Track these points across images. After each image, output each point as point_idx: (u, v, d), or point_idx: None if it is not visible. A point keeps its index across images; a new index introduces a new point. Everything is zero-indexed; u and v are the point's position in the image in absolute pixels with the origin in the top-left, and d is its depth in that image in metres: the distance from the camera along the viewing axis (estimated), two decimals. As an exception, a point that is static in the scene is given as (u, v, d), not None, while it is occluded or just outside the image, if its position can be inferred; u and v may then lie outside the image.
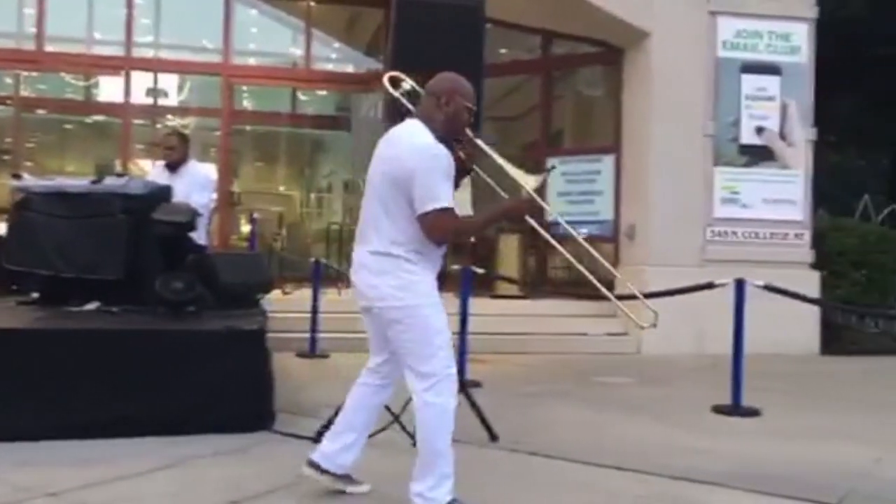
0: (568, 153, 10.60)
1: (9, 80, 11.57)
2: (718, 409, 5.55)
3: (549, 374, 7.19)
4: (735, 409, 5.51)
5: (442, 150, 3.05)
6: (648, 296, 7.21)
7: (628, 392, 6.54)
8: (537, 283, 10.06)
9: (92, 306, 5.20)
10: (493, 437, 4.40)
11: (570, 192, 10.14)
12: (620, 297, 8.89)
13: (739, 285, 5.68)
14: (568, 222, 9.88)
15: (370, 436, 3.52)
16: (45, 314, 5.05)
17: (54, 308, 5.15)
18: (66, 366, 4.19)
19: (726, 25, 9.21)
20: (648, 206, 9.05)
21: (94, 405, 4.15)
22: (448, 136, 3.19)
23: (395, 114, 3.69)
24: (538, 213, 3.22)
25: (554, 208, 10.26)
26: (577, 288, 10.63)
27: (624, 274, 9.29)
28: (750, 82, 9.21)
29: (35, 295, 5.48)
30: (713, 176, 9.12)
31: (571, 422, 5.19)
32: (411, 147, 3.05)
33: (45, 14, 10.64)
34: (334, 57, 12.40)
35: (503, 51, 11.08)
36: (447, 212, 3.03)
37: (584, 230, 10.14)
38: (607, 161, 9.83)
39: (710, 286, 5.89)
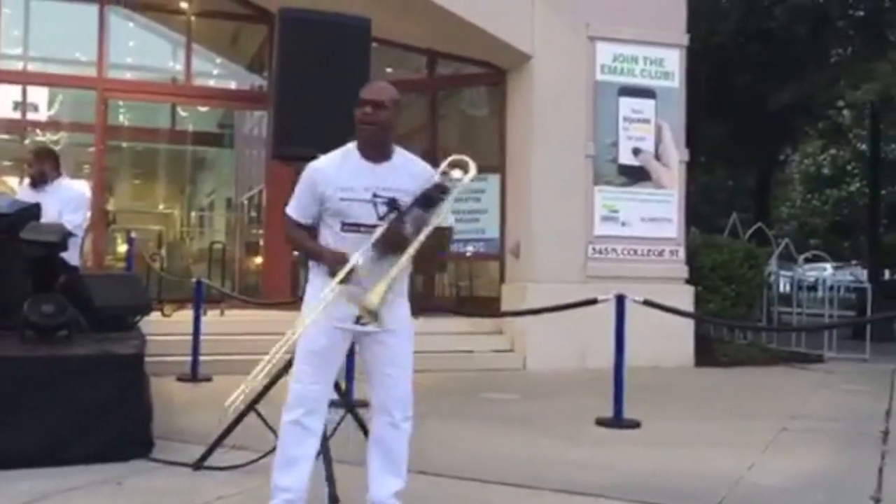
0: (454, 172, 10.69)
1: None
2: (601, 422, 5.69)
3: (436, 391, 7.19)
4: (616, 421, 5.66)
5: (309, 166, 3.18)
6: (533, 312, 7.40)
7: (514, 407, 6.62)
8: (425, 302, 10.08)
9: None
10: (382, 457, 4.35)
11: (456, 209, 10.13)
12: (506, 314, 9.13)
13: (620, 301, 5.86)
14: (456, 241, 10.23)
15: (255, 460, 3.42)
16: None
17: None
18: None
19: (604, 50, 9.54)
20: (532, 224, 9.24)
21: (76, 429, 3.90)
22: (363, 143, 3.16)
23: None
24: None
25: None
26: (464, 306, 10.80)
27: (509, 291, 9.53)
28: (627, 105, 9.56)
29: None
30: (594, 195, 9.39)
31: (458, 438, 5.21)
32: None
33: None
34: (216, 73, 12.10)
35: (389, 70, 11.12)
36: (286, 216, 3.18)
37: (471, 248, 10.29)
38: (492, 180, 9.99)
39: (593, 302, 6.05)
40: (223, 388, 3.05)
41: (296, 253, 3.21)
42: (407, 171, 3.18)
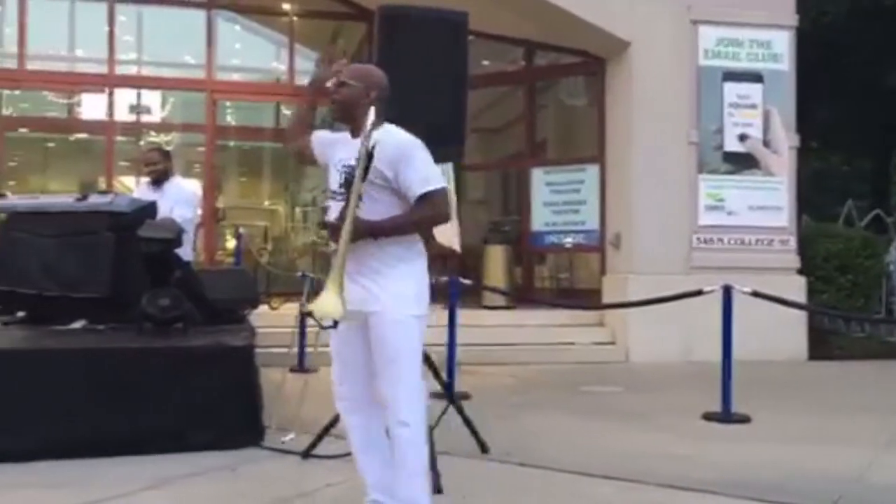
0: (552, 163, 10.63)
1: (-10, 100, 11.51)
2: (709, 417, 5.55)
3: (537, 384, 7.18)
4: (725, 415, 5.52)
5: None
6: (636, 304, 7.28)
7: (617, 400, 6.54)
8: (524, 294, 10.06)
9: (78, 325, 5.16)
10: (484, 448, 4.39)
11: (554, 202, 10.17)
12: (607, 306, 9.01)
13: (727, 292, 5.71)
14: (553, 232, 10.18)
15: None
16: (30, 333, 5.00)
17: (40, 327, 5.11)
18: (52, 385, 4.15)
19: (707, 34, 9.27)
20: (633, 215, 9.08)
21: (80, 424, 4.11)
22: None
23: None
24: None
25: (539, 218, 10.34)
26: (564, 297, 10.73)
27: (610, 282, 9.40)
28: (732, 90, 9.27)
29: (21, 314, 5.43)
30: (698, 184, 9.16)
31: (560, 431, 5.18)
32: None
33: (26, 32, 10.59)
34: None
35: (486, 62, 11.12)
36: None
37: (570, 240, 10.20)
38: (591, 170, 9.88)
39: (698, 293, 5.91)
40: (328, 380, 3.12)
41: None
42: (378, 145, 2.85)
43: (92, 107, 11.61)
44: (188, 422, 4.24)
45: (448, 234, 9.29)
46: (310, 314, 2.69)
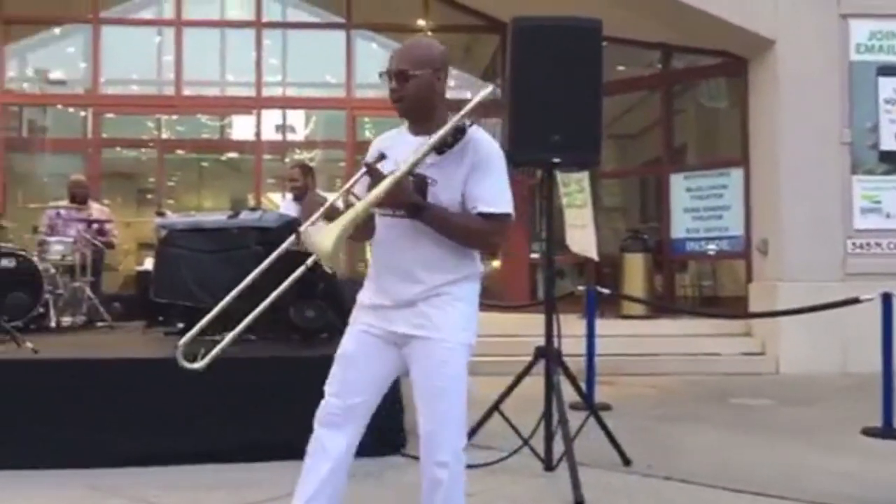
0: (693, 168, 10.33)
1: (150, 124, 12.36)
2: (868, 431, 5.23)
3: (681, 395, 6.98)
4: (887, 430, 5.18)
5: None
6: (788, 312, 6.96)
7: (768, 413, 6.26)
8: (665, 303, 9.82)
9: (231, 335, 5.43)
10: (626, 461, 4.31)
11: (696, 207, 9.88)
12: (756, 315, 8.64)
13: (887, 300, 5.36)
14: (695, 239, 9.88)
15: (498, 460, 3.50)
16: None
17: (196, 337, 5.41)
18: (207, 392, 4.38)
19: (859, 27, 8.76)
20: (781, 220, 8.68)
21: (229, 429, 4.32)
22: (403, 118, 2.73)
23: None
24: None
25: (679, 225, 10.06)
26: (707, 306, 10.39)
27: (758, 290, 9.02)
28: (888, 85, 8.71)
29: (180, 325, 5.79)
30: (852, 185, 8.66)
31: (707, 445, 5.01)
32: None
33: (182, 60, 11.32)
34: (452, 84, 12.54)
35: (621, 67, 10.96)
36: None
37: (713, 246, 9.87)
38: (735, 175, 9.53)
39: (855, 301, 5.58)
40: (476, 388, 3.15)
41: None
42: (455, 155, 2.52)
43: (241, 127, 12.28)
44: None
45: (584, 243, 9.23)
46: (299, 238, 2.43)
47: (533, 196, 10.09)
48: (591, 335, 6.16)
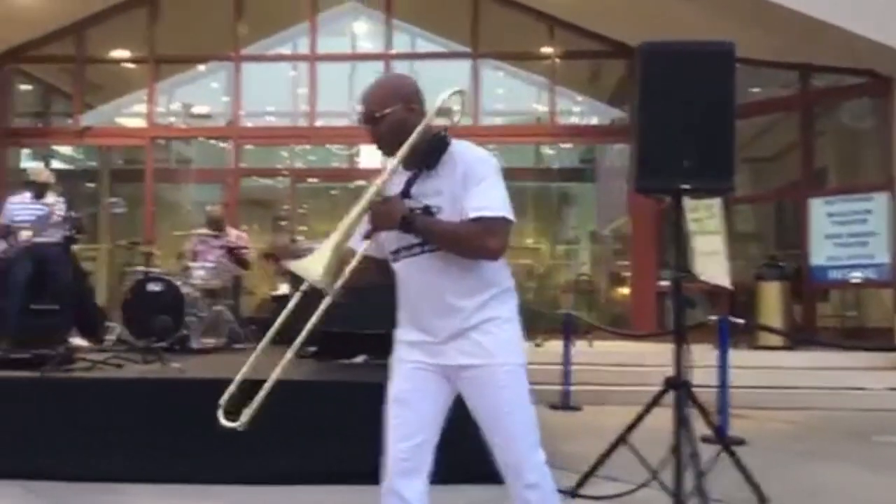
0: (833, 192, 9.86)
1: (284, 154, 12.90)
2: None
3: (820, 431, 6.62)
4: None
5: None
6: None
7: (918, 454, 5.85)
8: (804, 334, 9.36)
9: (360, 359, 5.57)
10: (763, 499, 4.11)
11: (838, 234, 9.41)
12: (905, 348, 8.11)
13: None
14: (837, 267, 9.39)
15: (625, 493, 3.42)
16: (319, 367, 5.49)
17: (328, 361, 5.59)
18: (336, 414, 4.50)
19: None
20: (932, 246, 8.15)
21: (360, 451, 4.40)
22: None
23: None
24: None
25: (820, 252, 9.60)
26: (851, 338, 9.82)
27: (907, 322, 8.48)
28: None
29: (312, 349, 5.97)
30: None
31: (849, 485, 4.73)
32: None
33: (316, 93, 11.79)
34: (578, 110, 12.53)
35: (756, 89, 10.61)
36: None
37: (858, 274, 9.35)
38: (880, 199, 9.03)
39: None
40: (593, 418, 3.11)
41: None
42: (448, 173, 2.50)
43: (369, 156, 12.61)
44: (447, 453, 4.38)
45: (715, 271, 8.93)
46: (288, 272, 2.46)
47: (661, 221, 9.88)
48: (723, 366, 5.94)
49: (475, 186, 2.41)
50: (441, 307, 2.45)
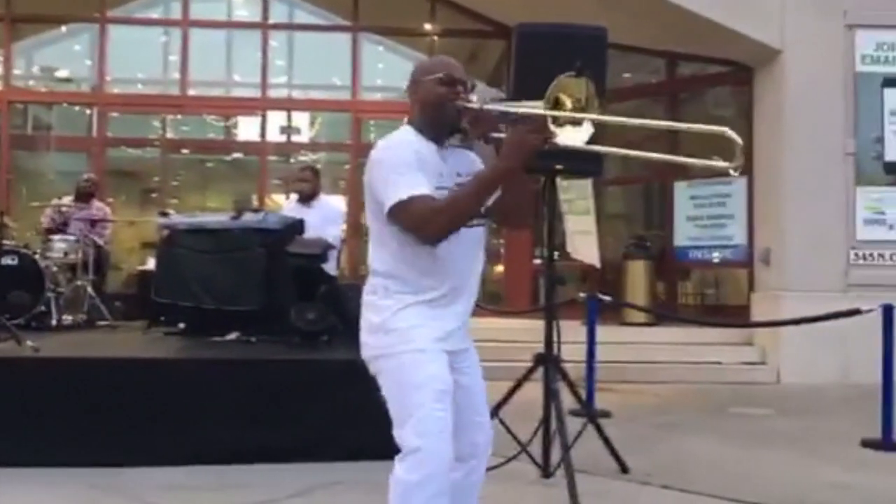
0: (696, 177, 10.31)
1: (156, 124, 12.36)
2: (868, 443, 5.21)
3: (681, 404, 6.97)
4: (886, 443, 5.16)
5: (386, 146, 2.44)
6: (788, 322, 6.94)
7: (767, 424, 6.24)
8: (667, 310, 9.80)
9: (232, 336, 5.44)
10: (624, 469, 4.30)
11: (699, 216, 9.87)
12: (757, 324, 8.64)
13: (888, 312, 5.34)
14: (698, 247, 9.87)
15: (495, 467, 3.49)
16: (189, 344, 5.33)
17: (198, 338, 5.43)
18: (207, 393, 4.39)
19: (865, 38, 8.76)
20: (784, 230, 8.68)
21: (232, 432, 4.32)
22: (436, 127, 2.47)
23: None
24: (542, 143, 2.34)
25: (682, 233, 10.06)
26: (709, 315, 10.36)
27: (760, 300, 9.00)
28: (893, 96, 8.72)
29: (181, 326, 5.79)
30: (855, 196, 8.65)
31: (706, 454, 5.00)
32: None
33: (188, 60, 11.34)
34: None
35: (626, 75, 10.95)
36: (412, 200, 2.27)
37: (716, 255, 9.86)
38: (738, 184, 9.51)
39: (856, 312, 5.57)
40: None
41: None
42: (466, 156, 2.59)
43: (246, 128, 12.27)
44: (332, 432, 4.37)
45: (586, 250, 9.21)
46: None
47: (535, 202, 10.07)
48: (591, 342, 6.15)
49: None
50: (471, 290, 2.47)
